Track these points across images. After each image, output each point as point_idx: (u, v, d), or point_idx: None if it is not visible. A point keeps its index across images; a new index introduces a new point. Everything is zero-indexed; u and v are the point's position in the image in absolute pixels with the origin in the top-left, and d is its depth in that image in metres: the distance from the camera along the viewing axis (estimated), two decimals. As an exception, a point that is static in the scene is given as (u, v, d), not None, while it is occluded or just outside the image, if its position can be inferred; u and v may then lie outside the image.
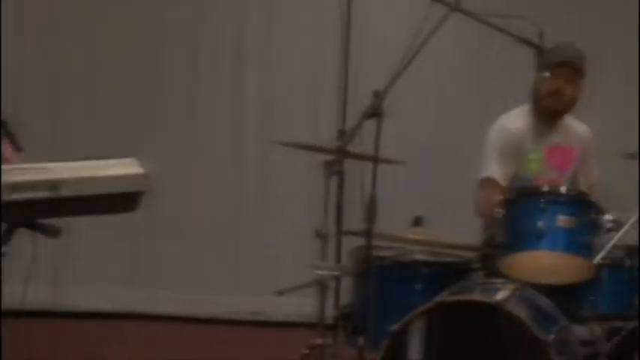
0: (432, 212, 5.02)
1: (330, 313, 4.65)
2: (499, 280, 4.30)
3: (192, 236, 7.60)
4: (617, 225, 4.37)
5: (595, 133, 5.36)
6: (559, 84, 4.98)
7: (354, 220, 4.40)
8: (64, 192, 2.98)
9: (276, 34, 7.74)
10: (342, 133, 4.49)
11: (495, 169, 4.98)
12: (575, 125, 5.22)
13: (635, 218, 4.35)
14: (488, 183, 4.97)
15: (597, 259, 4.22)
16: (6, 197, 2.75)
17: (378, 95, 4.05)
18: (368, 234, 4.10)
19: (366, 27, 5.73)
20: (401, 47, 4.23)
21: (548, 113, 5.10)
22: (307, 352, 4.57)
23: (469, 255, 4.68)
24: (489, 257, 4.51)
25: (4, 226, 3.12)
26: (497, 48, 5.75)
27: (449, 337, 4.00)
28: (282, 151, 5.14)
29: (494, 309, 3.93)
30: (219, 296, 7.35)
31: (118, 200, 3.16)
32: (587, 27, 7.21)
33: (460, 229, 4.97)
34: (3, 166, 2.87)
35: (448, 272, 4.58)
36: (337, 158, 4.47)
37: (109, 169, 3.16)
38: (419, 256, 4.57)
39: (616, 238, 4.31)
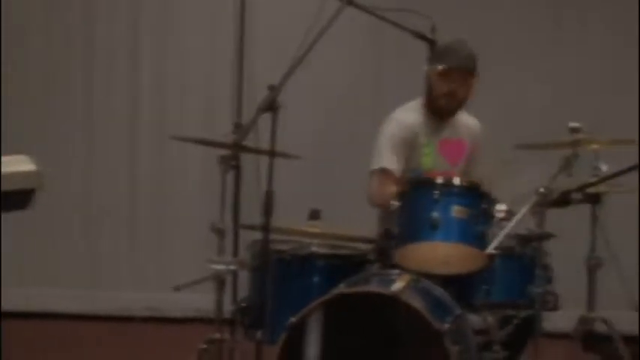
0: (329, 205, 5.03)
1: (227, 307, 4.65)
2: (395, 272, 4.33)
3: (87, 232, 7.50)
4: (509, 215, 4.45)
5: (486, 125, 5.42)
6: (452, 87, 5.05)
7: (251, 214, 4.40)
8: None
9: (170, 30, 7.63)
10: (237, 128, 4.48)
11: (389, 161, 5.00)
12: (465, 119, 5.30)
13: (526, 208, 4.45)
14: (382, 174, 5.00)
15: (490, 248, 4.30)
16: None
17: (273, 89, 4.05)
18: (265, 228, 4.08)
19: (260, 21, 5.71)
20: (295, 41, 4.24)
21: (442, 112, 5.17)
22: (205, 347, 4.55)
23: (366, 247, 4.72)
24: (385, 249, 4.54)
25: None
26: (390, 42, 5.77)
27: (346, 329, 4.02)
28: (178, 146, 5.11)
29: (391, 300, 3.96)
30: (115, 292, 7.25)
31: (10, 198, 3.09)
32: (478, 20, 7.28)
33: (357, 222, 4.96)
34: None
35: (345, 264, 4.59)
36: (233, 152, 4.46)
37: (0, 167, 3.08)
38: (316, 249, 4.58)
39: (508, 227, 4.39)
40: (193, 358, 4.63)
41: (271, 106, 4.02)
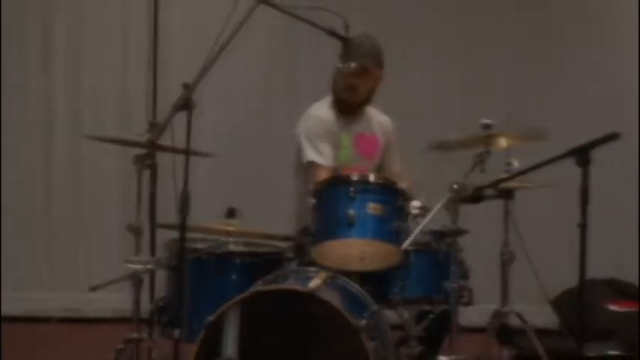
0: (246, 203, 4.97)
1: (145, 306, 4.66)
2: (312, 269, 4.36)
3: (4, 233, 7.37)
4: (424, 211, 4.50)
5: (399, 123, 5.48)
6: (354, 81, 5.12)
7: (167, 213, 4.31)
8: None
9: (84, 30, 7.61)
10: (153, 126, 4.47)
11: (319, 153, 5.08)
12: (377, 115, 5.36)
13: (440, 204, 4.47)
14: (314, 166, 5.06)
15: (405, 244, 4.32)
16: None
17: (188, 88, 3.98)
18: (181, 227, 3.96)
19: (175, 20, 5.70)
20: (209, 40, 4.13)
21: (346, 106, 5.22)
22: (122, 346, 4.55)
23: (283, 245, 4.77)
24: (302, 246, 4.56)
25: None
26: (303, 40, 5.83)
27: (264, 326, 4.03)
28: (94, 146, 5.07)
29: (308, 297, 3.98)
30: (32, 293, 7.19)
31: None
32: (392, 19, 7.32)
33: (274, 220, 5.10)
34: None
35: (262, 262, 4.61)
36: (148, 151, 4.50)
37: None
38: (233, 247, 4.62)
39: (423, 223, 4.43)
40: (111, 359, 4.61)
41: (186, 105, 3.94)
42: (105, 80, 7.41)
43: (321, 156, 5.08)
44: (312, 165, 5.05)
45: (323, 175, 4.93)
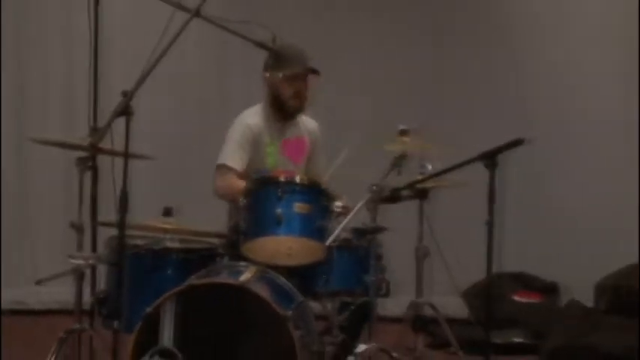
0: (181, 203, 5.08)
1: (87, 299, 4.69)
2: (243, 264, 4.49)
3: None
4: (346, 210, 4.69)
5: (324, 127, 5.57)
6: (298, 88, 5.20)
7: (108, 212, 4.40)
8: None
9: (30, 35, 7.41)
10: (94, 131, 4.55)
11: (232, 158, 5.16)
12: (304, 119, 5.44)
13: (361, 204, 4.66)
14: (224, 169, 5.14)
15: (329, 241, 4.49)
16: None
17: (127, 95, 4.05)
18: (121, 225, 4.08)
19: (115, 30, 5.71)
20: (148, 51, 4.24)
21: (291, 112, 5.28)
22: (64, 336, 4.56)
23: (216, 241, 4.87)
24: (234, 243, 4.67)
25: None
26: (235, 51, 5.86)
27: (199, 317, 4.14)
28: (40, 149, 5.09)
29: (239, 289, 4.12)
30: None
31: None
32: (319, 31, 7.39)
33: (208, 218, 5.18)
34: None
35: (197, 258, 4.70)
36: (90, 154, 4.52)
37: None
38: (169, 244, 4.69)
39: (345, 222, 4.61)
40: (54, 348, 4.62)
41: (125, 111, 4.02)
42: (51, 87, 7.27)
43: (233, 160, 5.18)
44: (222, 167, 5.16)
45: (231, 178, 5.11)
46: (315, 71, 5.25)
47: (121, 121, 4.10)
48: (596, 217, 7.08)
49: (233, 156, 5.16)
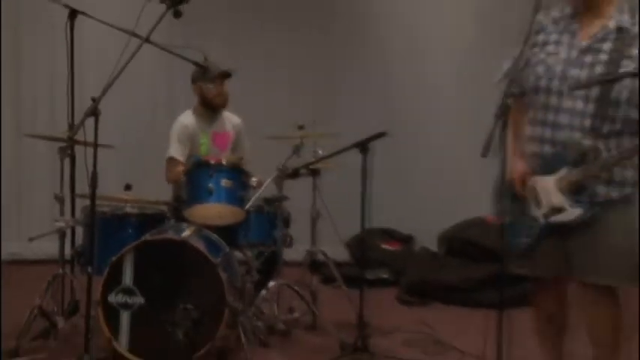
0: (138, 181, 5.05)
1: (68, 252, 4.85)
2: (184, 224, 4.72)
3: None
4: (259, 184, 4.95)
5: (245, 120, 5.74)
6: (220, 89, 5.42)
7: (83, 187, 4.34)
8: None
9: (24, 50, 7.35)
10: (71, 127, 4.66)
11: (176, 151, 5.35)
12: (229, 117, 5.60)
13: (270, 180, 5.00)
14: (171, 160, 5.33)
15: (247, 207, 4.79)
16: None
17: (95, 100, 4.09)
18: (92, 196, 4.15)
19: (89, 48, 5.62)
20: (113, 64, 4.17)
21: (216, 108, 5.46)
22: (51, 280, 4.74)
23: (164, 208, 5.03)
24: (178, 209, 4.91)
25: None
26: (179, 66, 5.51)
27: (151, 264, 4.35)
28: (32, 141, 5.11)
29: (181, 243, 4.39)
30: None
31: None
32: (246, 52, 7.26)
33: (158, 191, 5.26)
34: None
35: (150, 220, 4.87)
36: (68, 145, 4.65)
37: None
38: (129, 210, 4.85)
39: (258, 192, 4.91)
40: (44, 289, 4.75)
41: (93, 112, 4.08)
42: (40, 92, 7.22)
43: (177, 153, 5.35)
44: (170, 159, 5.34)
45: (177, 167, 5.27)
46: (228, 74, 5.42)
47: (91, 120, 4.14)
48: (441, 187, 7.13)
49: (176, 150, 5.35)
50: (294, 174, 5.10)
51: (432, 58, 7.52)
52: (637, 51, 3.53)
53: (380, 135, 4.65)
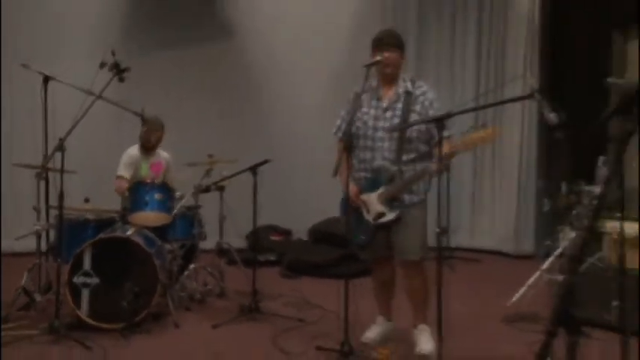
0: (95, 196, 5.12)
1: (43, 247, 4.85)
2: (129, 226, 4.72)
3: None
4: (182, 197, 5.04)
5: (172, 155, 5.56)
6: (157, 135, 5.33)
7: (54, 200, 4.37)
8: None
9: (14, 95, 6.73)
10: (44, 157, 4.56)
11: (123, 171, 5.26)
12: (162, 152, 5.46)
13: (189, 194, 5.06)
14: (119, 177, 5.22)
15: (173, 213, 4.87)
16: None
17: (61, 140, 4.12)
18: (60, 207, 4.22)
19: (60, 100, 4.83)
20: (79, 105, 4.18)
21: (151, 148, 5.38)
22: (31, 267, 4.76)
23: (114, 215, 4.95)
24: (124, 215, 4.85)
25: None
26: (126, 115, 5.07)
27: (105, 255, 4.39)
28: (19, 169, 5.01)
29: (126, 240, 4.45)
30: None
31: None
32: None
33: (110, 203, 5.16)
34: None
35: (104, 223, 4.87)
36: (43, 170, 4.63)
37: None
38: (88, 216, 4.87)
39: (181, 203, 4.98)
40: (25, 275, 4.75)
41: (60, 148, 4.14)
42: (24, 124, 6.71)
43: (124, 173, 5.23)
44: (119, 177, 5.23)
45: (122, 181, 5.17)
46: (162, 126, 5.36)
47: (59, 153, 4.19)
48: (310, 195, 6.77)
49: (123, 171, 5.28)
50: (206, 189, 5.17)
51: (303, 87, 7.10)
52: (418, 107, 3.85)
53: (265, 162, 4.71)
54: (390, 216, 3.81)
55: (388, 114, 3.87)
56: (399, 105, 3.86)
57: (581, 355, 2.97)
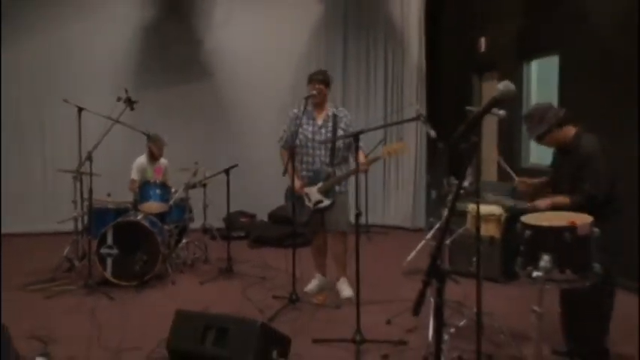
0: (115, 191, 5.08)
1: (80, 227, 4.73)
2: (139, 213, 4.67)
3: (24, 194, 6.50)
4: (175, 192, 4.88)
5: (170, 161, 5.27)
6: (158, 148, 5.09)
7: (87, 195, 4.31)
8: None
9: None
10: (79, 164, 4.41)
11: (134, 175, 5.12)
12: (162, 160, 5.24)
13: (182, 189, 4.93)
14: (132, 180, 5.10)
15: (169, 203, 4.81)
16: None
17: (89, 152, 4.08)
18: (90, 200, 4.21)
19: (90, 123, 4.63)
20: (103, 126, 4.20)
21: (156, 158, 5.10)
22: (72, 242, 4.68)
23: (129, 205, 4.93)
24: (135, 205, 4.81)
25: None
26: (137, 134, 5.12)
27: (121, 233, 4.38)
28: (62, 174, 4.84)
29: (137, 223, 4.43)
30: (31, 224, 6.46)
31: None
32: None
33: (125, 197, 5.10)
34: None
35: (121, 211, 4.85)
36: (78, 175, 4.46)
37: None
38: (110, 206, 4.90)
39: (175, 196, 4.89)
40: (67, 248, 4.74)
41: (88, 158, 4.10)
42: (64, 141, 6.25)
43: (135, 176, 5.08)
44: (132, 180, 5.06)
45: (134, 183, 5.01)
46: (163, 142, 5.16)
47: (88, 162, 4.26)
48: (270, 187, 5.61)
49: (135, 174, 5.15)
50: (194, 186, 5.10)
51: (263, 111, 6.79)
52: (342, 125, 3.91)
53: (234, 166, 4.74)
54: (326, 203, 3.95)
55: (322, 130, 3.99)
56: (330, 124, 3.98)
57: (449, 293, 3.39)
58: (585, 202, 2.68)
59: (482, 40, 6.32)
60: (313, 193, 3.97)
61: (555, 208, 2.76)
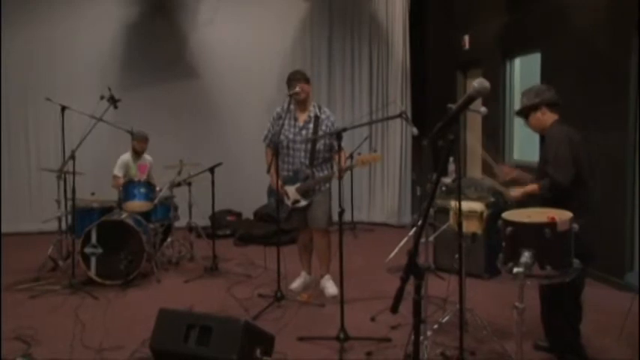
0: (98, 190, 5.05)
1: (64, 227, 4.70)
2: (123, 212, 4.64)
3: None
4: (160, 190, 4.83)
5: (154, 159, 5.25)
6: (141, 145, 5.06)
7: (70, 194, 4.27)
8: None
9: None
10: (63, 163, 4.38)
11: (117, 171, 5.10)
12: (146, 157, 5.21)
13: (166, 186, 4.84)
14: (115, 176, 5.07)
15: (154, 202, 4.74)
16: None
17: (73, 151, 4.05)
18: (73, 199, 4.19)
19: (74, 120, 4.81)
20: (87, 125, 4.17)
21: (139, 154, 5.07)
22: (55, 241, 4.66)
23: (113, 204, 4.87)
24: (120, 204, 4.74)
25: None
26: (121, 132, 5.18)
27: (106, 233, 4.35)
28: (45, 173, 4.87)
29: (121, 222, 4.39)
30: (17, 223, 6.41)
31: None
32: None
33: (109, 195, 5.03)
34: None
35: (105, 210, 4.84)
36: (61, 174, 4.43)
37: None
38: (94, 205, 4.85)
39: (160, 194, 4.82)
40: (51, 246, 4.70)
41: (72, 157, 4.09)
42: (48, 140, 6.48)
43: (118, 172, 5.06)
44: (115, 176, 5.06)
45: (117, 179, 4.98)
46: (147, 138, 5.14)
47: (71, 162, 4.27)
48: (255, 187, 5.41)
49: (118, 171, 5.13)
50: (179, 184, 5.05)
51: (246, 111, 6.74)
52: (324, 127, 3.92)
53: (219, 164, 4.70)
54: (302, 203, 3.96)
55: (303, 132, 4.00)
56: (311, 126, 3.98)
57: (433, 290, 3.40)
58: (550, 186, 2.67)
59: (466, 38, 6.36)
60: (292, 192, 3.98)
61: (529, 196, 2.77)
